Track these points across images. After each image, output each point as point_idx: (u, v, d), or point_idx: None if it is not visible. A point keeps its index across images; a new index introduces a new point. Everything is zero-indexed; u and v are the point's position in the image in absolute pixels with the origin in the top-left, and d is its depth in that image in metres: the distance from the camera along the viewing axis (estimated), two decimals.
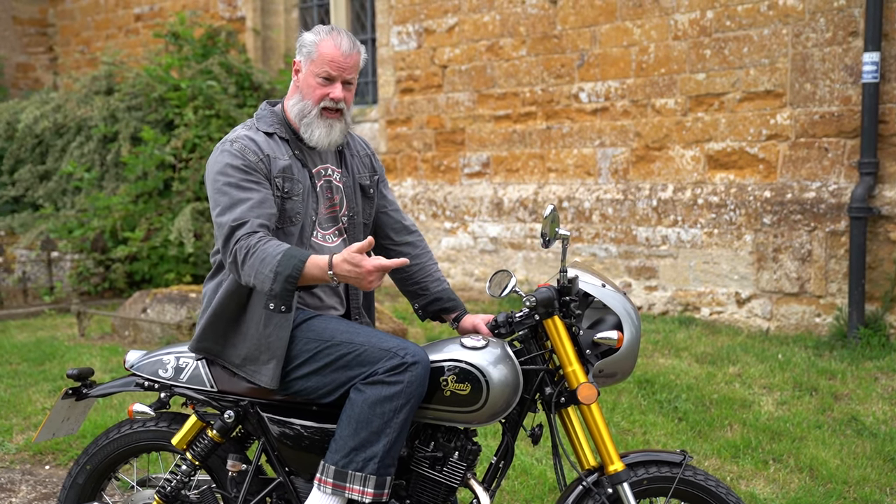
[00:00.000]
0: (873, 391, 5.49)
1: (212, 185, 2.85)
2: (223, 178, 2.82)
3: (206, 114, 9.53)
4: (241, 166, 2.82)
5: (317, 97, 2.92)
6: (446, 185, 9.34)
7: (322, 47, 2.91)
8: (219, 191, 2.81)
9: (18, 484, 4.50)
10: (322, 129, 2.94)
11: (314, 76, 2.92)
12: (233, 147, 2.86)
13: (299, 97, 2.96)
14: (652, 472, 2.83)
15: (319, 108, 2.93)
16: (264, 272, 2.68)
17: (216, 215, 2.81)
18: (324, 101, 2.92)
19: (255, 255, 2.70)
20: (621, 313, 2.86)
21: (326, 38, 2.92)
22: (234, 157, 2.83)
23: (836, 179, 6.74)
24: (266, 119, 2.99)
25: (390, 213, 3.25)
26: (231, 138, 2.90)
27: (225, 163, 2.83)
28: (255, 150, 2.86)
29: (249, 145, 2.87)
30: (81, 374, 3.18)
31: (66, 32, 14.48)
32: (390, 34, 9.64)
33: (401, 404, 2.73)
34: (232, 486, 3.03)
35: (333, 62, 2.90)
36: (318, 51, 2.91)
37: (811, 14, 6.77)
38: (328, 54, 2.90)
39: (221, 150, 2.87)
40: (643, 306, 7.73)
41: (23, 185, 10.93)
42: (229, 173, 2.82)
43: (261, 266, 2.69)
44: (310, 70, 2.93)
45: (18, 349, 7.14)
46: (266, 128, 2.96)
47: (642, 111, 7.77)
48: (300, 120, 2.95)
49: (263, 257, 2.69)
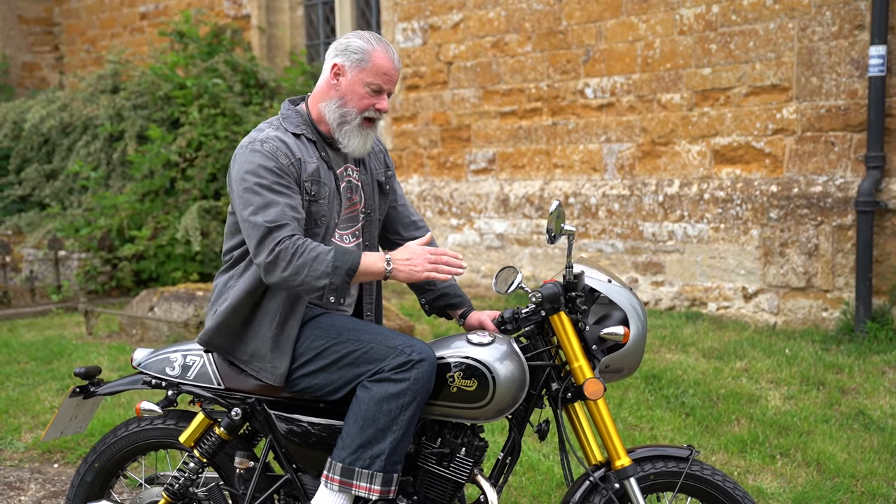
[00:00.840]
0: (881, 385, 5.48)
1: (241, 184, 2.81)
2: (254, 179, 2.78)
3: (212, 112, 9.54)
4: (274, 168, 2.79)
5: (362, 106, 2.89)
6: (452, 181, 9.34)
7: (376, 58, 2.87)
8: (250, 190, 2.78)
9: (27, 482, 4.52)
10: (360, 138, 2.93)
11: (363, 84, 2.88)
12: (264, 147, 2.81)
13: (339, 101, 2.91)
14: (659, 467, 2.83)
15: (362, 118, 2.91)
16: (319, 268, 2.70)
17: (248, 214, 2.77)
18: (368, 111, 2.90)
19: (306, 254, 2.72)
20: (627, 309, 2.86)
21: (379, 48, 2.89)
22: (266, 157, 2.80)
23: (842, 173, 6.73)
24: (292, 119, 2.95)
25: (399, 207, 3.26)
26: (261, 138, 2.85)
27: (257, 163, 2.79)
28: (286, 153, 2.83)
29: (281, 147, 2.83)
30: (89, 372, 3.19)
31: (72, 31, 14.51)
32: (395, 31, 9.64)
33: (407, 401, 2.74)
34: (240, 484, 3.04)
35: (387, 75, 2.88)
36: (373, 61, 2.87)
37: (817, 8, 6.75)
38: (383, 66, 2.88)
39: (251, 149, 2.82)
40: (650, 302, 7.72)
41: (29, 184, 10.96)
42: (261, 174, 2.78)
43: (315, 263, 2.71)
44: (358, 78, 2.88)
45: (26, 348, 7.16)
46: (293, 129, 2.92)
47: (648, 106, 7.76)
48: (339, 125, 2.91)
49: (315, 255, 2.72)
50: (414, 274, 2.76)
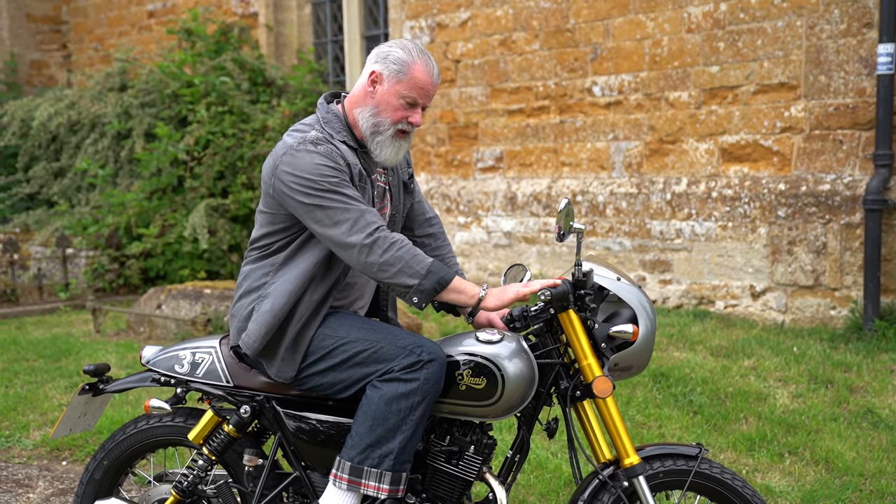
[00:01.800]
0: (889, 384, 5.47)
1: (305, 184, 2.75)
2: (324, 181, 2.74)
3: (220, 110, 9.56)
4: (336, 168, 2.78)
5: (396, 118, 2.87)
6: (460, 179, 9.34)
7: (416, 71, 2.84)
8: (324, 190, 2.74)
9: (36, 479, 4.53)
10: (392, 149, 2.91)
11: (398, 97, 2.85)
12: (318, 149, 2.79)
13: (374, 110, 2.88)
14: (668, 466, 2.83)
15: (395, 129, 2.89)
16: (415, 267, 2.73)
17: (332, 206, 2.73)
18: (401, 123, 2.88)
19: (405, 248, 2.74)
20: (636, 307, 2.86)
21: (419, 61, 2.85)
22: (325, 159, 2.77)
23: (850, 172, 6.71)
24: (333, 124, 2.91)
25: (414, 204, 3.25)
26: (311, 139, 2.81)
27: (317, 163, 2.76)
28: (340, 156, 2.82)
29: (334, 150, 2.82)
30: (98, 369, 3.20)
31: (80, 29, 14.53)
32: (403, 29, 9.64)
33: (417, 401, 2.74)
34: (248, 481, 3.05)
35: (423, 89, 2.86)
36: (411, 73, 2.84)
37: (825, 6, 6.73)
38: (421, 80, 2.85)
39: (307, 150, 2.78)
40: (657, 300, 7.71)
41: (37, 182, 10.99)
42: (328, 175, 2.76)
43: (412, 261, 2.73)
44: (395, 89, 2.85)
45: (34, 346, 7.18)
46: (337, 134, 2.89)
47: (656, 104, 7.75)
48: (372, 135, 2.89)
49: (415, 254, 2.75)
50: (503, 301, 2.79)
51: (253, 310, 2.94)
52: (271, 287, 2.90)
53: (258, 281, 2.94)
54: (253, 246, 3.00)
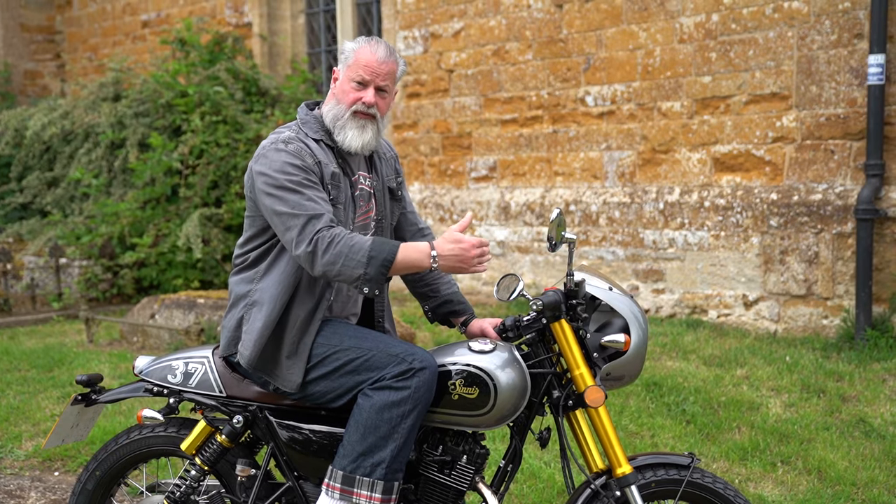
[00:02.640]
0: (881, 393, 5.48)
1: (271, 183, 2.81)
2: (285, 177, 2.80)
3: (214, 119, 9.56)
4: (301, 165, 2.83)
5: (350, 101, 2.93)
6: (453, 189, 9.35)
7: (360, 53, 2.94)
8: (283, 187, 2.79)
9: (28, 490, 4.52)
10: (354, 129, 2.94)
11: (349, 80, 2.94)
12: (288, 147, 2.85)
13: (335, 102, 2.97)
14: (660, 475, 2.84)
15: (351, 112, 2.93)
16: (356, 258, 2.71)
17: (284, 207, 2.78)
18: (356, 104, 2.93)
19: (343, 242, 2.73)
20: (628, 316, 2.87)
21: (364, 45, 2.95)
22: (292, 156, 2.83)
23: (842, 181, 6.74)
24: (311, 125, 2.98)
25: (407, 214, 3.27)
26: (283, 139, 2.89)
27: (284, 161, 2.82)
28: (310, 154, 2.87)
29: (304, 148, 2.88)
30: (90, 379, 3.19)
31: (74, 39, 14.54)
32: (397, 39, 9.66)
33: (408, 410, 2.74)
34: (241, 491, 3.05)
35: (368, 67, 2.92)
36: (356, 56, 2.94)
37: (816, 16, 6.77)
38: (363, 59, 2.93)
39: (276, 149, 2.86)
40: (650, 309, 7.73)
41: (31, 191, 10.98)
42: (291, 172, 2.81)
43: (351, 252, 2.72)
44: (346, 75, 2.96)
45: (27, 356, 7.16)
46: (313, 134, 2.96)
47: (648, 114, 7.77)
48: (334, 124, 2.95)
49: (352, 244, 2.73)
50: (462, 268, 2.74)
51: (242, 318, 2.95)
52: (257, 294, 2.92)
53: (244, 289, 2.97)
54: (237, 255, 3.03)
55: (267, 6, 11.48)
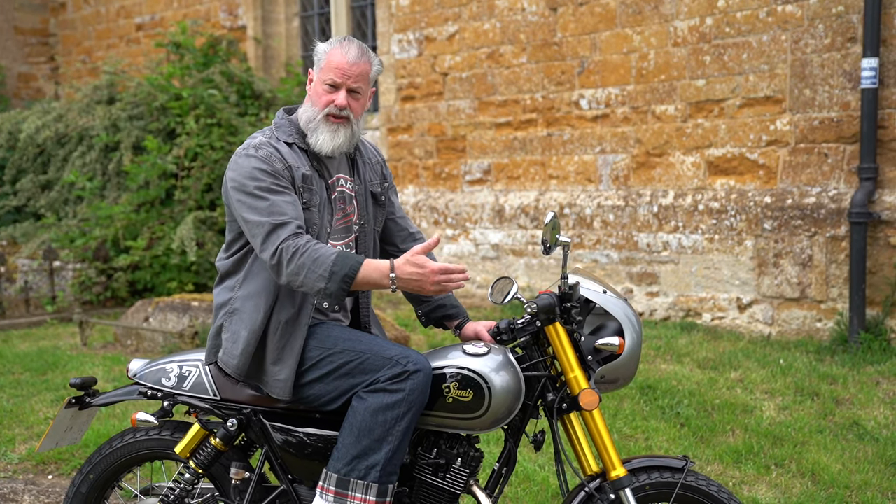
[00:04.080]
0: (874, 396, 5.50)
1: (240, 189, 2.83)
2: (254, 183, 2.81)
3: (208, 122, 9.56)
4: (270, 171, 2.83)
5: (322, 103, 2.94)
6: (448, 192, 9.36)
7: (331, 55, 2.94)
8: (251, 194, 2.81)
9: (21, 494, 4.51)
10: (326, 133, 2.94)
11: (322, 83, 2.95)
12: (258, 153, 2.86)
13: (309, 105, 2.98)
14: (654, 478, 2.84)
15: (324, 114, 2.93)
16: (318, 271, 2.71)
17: (251, 215, 2.79)
18: (328, 107, 2.93)
19: (307, 254, 2.72)
20: (622, 319, 2.87)
21: (336, 47, 2.96)
22: (261, 161, 2.84)
23: (836, 185, 6.75)
24: (284, 129, 2.99)
25: (397, 220, 3.26)
26: (254, 144, 2.90)
27: (253, 167, 2.83)
28: (280, 158, 2.87)
29: (274, 153, 2.88)
30: (84, 383, 3.19)
31: (68, 42, 14.52)
32: (391, 42, 9.66)
33: (402, 412, 2.74)
34: (235, 495, 3.04)
35: (339, 69, 2.92)
36: (328, 58, 2.95)
37: (810, 20, 6.79)
38: (334, 61, 2.93)
39: (246, 154, 2.87)
40: (645, 312, 7.74)
41: (25, 194, 10.95)
42: (259, 177, 2.82)
43: (313, 265, 2.71)
44: (319, 78, 2.97)
45: (21, 359, 7.15)
46: (285, 137, 2.96)
47: (643, 118, 7.79)
48: (307, 126, 2.96)
49: (316, 257, 2.72)
50: (421, 291, 2.75)
51: (222, 326, 2.96)
52: (238, 302, 2.93)
53: (225, 297, 2.98)
54: (220, 260, 3.03)
55: (261, 9, 11.48)
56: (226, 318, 2.95)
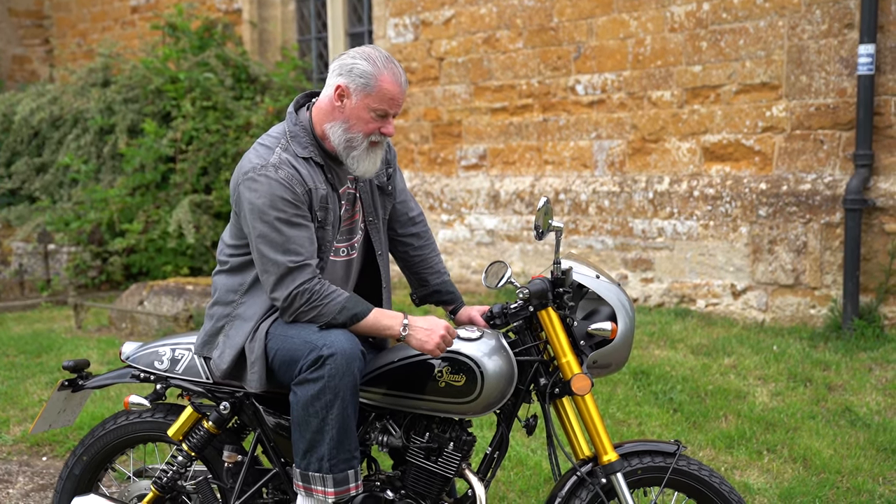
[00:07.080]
0: (867, 382, 5.51)
1: (259, 217, 2.74)
2: (274, 213, 2.72)
3: (204, 105, 9.53)
4: (291, 200, 2.74)
5: (368, 130, 2.81)
6: (443, 177, 9.35)
7: (383, 82, 2.78)
8: (269, 224, 2.73)
9: (15, 475, 4.52)
10: (368, 161, 2.85)
11: (368, 110, 2.79)
12: (278, 174, 2.74)
13: (344, 125, 2.82)
14: (646, 462, 2.85)
15: (369, 142, 2.83)
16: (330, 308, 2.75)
17: (267, 250, 2.74)
18: (374, 135, 2.83)
19: (321, 297, 2.75)
20: (615, 304, 2.88)
21: (386, 71, 2.79)
22: (283, 188, 2.73)
23: (831, 171, 6.76)
24: (300, 140, 2.85)
25: (397, 204, 3.20)
26: (273, 162, 2.77)
27: (274, 193, 2.72)
28: (300, 181, 2.77)
29: (295, 175, 2.76)
30: (77, 365, 3.20)
31: (63, 24, 14.46)
32: (387, 26, 9.63)
33: (329, 400, 2.69)
34: (228, 477, 3.05)
35: (393, 100, 2.80)
36: (379, 85, 2.78)
37: (807, 6, 6.77)
38: (389, 91, 2.79)
39: (266, 176, 2.74)
40: (639, 298, 7.75)
41: (19, 177, 10.94)
42: (280, 207, 2.72)
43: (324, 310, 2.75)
44: (364, 102, 2.79)
45: (15, 341, 7.15)
46: (301, 150, 2.83)
47: (639, 103, 7.78)
48: (346, 150, 2.83)
49: (329, 301, 2.75)
50: (422, 349, 2.76)
51: (223, 328, 2.94)
52: (242, 308, 2.91)
53: (228, 297, 2.95)
54: (223, 250, 2.99)
55: None
56: (228, 321, 2.94)
